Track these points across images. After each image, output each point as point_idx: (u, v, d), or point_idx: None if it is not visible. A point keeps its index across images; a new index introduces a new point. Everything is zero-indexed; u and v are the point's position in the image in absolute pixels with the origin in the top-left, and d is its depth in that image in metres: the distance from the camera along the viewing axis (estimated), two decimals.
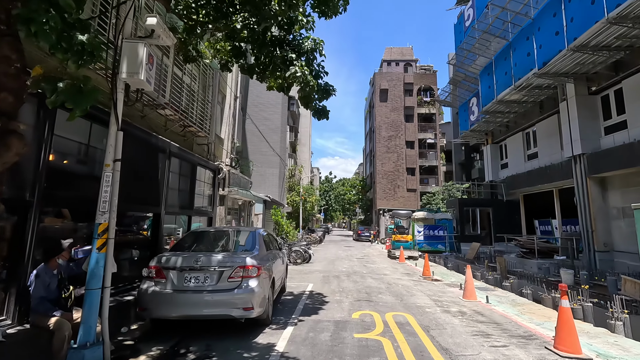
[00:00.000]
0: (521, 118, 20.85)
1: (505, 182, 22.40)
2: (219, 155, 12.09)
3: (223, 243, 5.96)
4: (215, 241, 6.02)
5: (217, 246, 5.86)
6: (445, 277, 11.97)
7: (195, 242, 5.89)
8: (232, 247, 5.85)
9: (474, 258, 17.92)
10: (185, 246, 5.66)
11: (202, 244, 5.85)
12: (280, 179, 23.56)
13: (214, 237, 6.17)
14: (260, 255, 5.61)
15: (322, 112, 5.94)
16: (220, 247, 5.84)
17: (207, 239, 6.05)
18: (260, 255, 5.60)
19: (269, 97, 23.91)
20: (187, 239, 5.97)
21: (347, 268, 13.67)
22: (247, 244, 5.82)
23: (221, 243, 5.96)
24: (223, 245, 5.91)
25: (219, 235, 6.22)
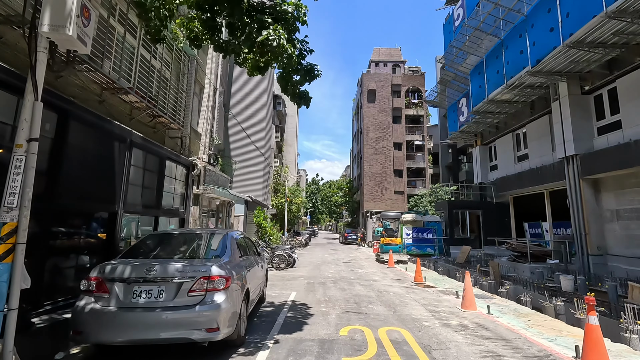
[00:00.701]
0: (511, 119, 20.50)
1: (495, 184, 22.02)
2: (195, 151, 11.08)
3: (187, 248, 5.01)
4: (179, 246, 5.05)
5: (179, 252, 4.89)
6: (438, 283, 11.24)
7: (154, 247, 4.91)
8: (199, 252, 4.90)
9: (465, 262, 17.33)
10: (139, 252, 4.68)
11: (162, 250, 4.87)
12: (264, 179, 22.58)
13: (177, 240, 5.19)
14: (232, 263, 4.69)
15: (302, 97, 5.08)
16: (184, 253, 4.88)
17: (168, 243, 5.07)
18: (231, 262, 4.68)
19: (253, 94, 22.96)
20: (144, 244, 4.98)
21: (334, 273, 12.81)
22: (217, 249, 4.89)
23: (185, 248, 5.00)
24: (187, 250, 4.94)
25: (183, 239, 5.25)
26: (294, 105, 48.96)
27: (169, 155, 8.06)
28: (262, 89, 23.15)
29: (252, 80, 23.02)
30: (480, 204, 22.19)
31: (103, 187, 5.77)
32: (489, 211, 21.70)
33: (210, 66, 12.25)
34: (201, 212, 9.49)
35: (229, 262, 4.63)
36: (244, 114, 22.63)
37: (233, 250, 5.00)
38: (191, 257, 4.73)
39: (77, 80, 6.15)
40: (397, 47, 43.25)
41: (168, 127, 9.15)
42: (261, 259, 7.10)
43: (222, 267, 4.28)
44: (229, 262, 4.59)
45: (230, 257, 4.76)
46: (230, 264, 4.60)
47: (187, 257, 4.71)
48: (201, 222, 9.35)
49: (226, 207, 11.71)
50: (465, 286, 7.31)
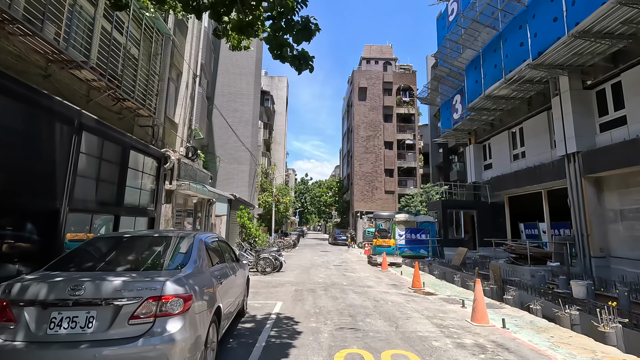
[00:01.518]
0: (507, 116, 19.87)
1: (490, 183, 21.36)
2: (170, 143, 9.92)
3: (139, 256, 3.89)
4: (128, 253, 3.92)
5: (127, 262, 3.76)
6: (438, 289, 10.33)
7: (94, 256, 3.78)
8: (154, 262, 3.80)
9: (461, 264, 16.54)
10: (72, 262, 3.54)
11: (104, 259, 3.72)
12: (250, 177, 21.41)
13: (128, 246, 4.04)
14: (197, 275, 3.62)
15: (301, 58, 4.03)
16: (133, 263, 3.75)
17: (115, 250, 3.92)
18: (196, 274, 3.61)
19: (239, 87, 21.76)
20: (82, 251, 3.84)
21: (324, 278, 11.79)
22: (179, 258, 3.80)
23: (136, 257, 3.88)
24: (139, 260, 3.83)
25: (137, 244, 4.11)
26: (282, 103, 47.81)
27: (135, 145, 6.91)
28: (249, 82, 21.98)
29: (239, 72, 21.85)
30: (475, 204, 21.50)
31: (40, 179, 4.62)
32: (484, 211, 21.03)
33: (190, 50, 11.08)
34: (175, 210, 8.35)
35: (193, 274, 3.56)
36: (230, 107, 21.40)
37: (200, 259, 3.92)
38: (142, 268, 3.62)
39: (9, 47, 4.97)
40: (388, 44, 42.58)
41: (136, 113, 8.00)
42: (241, 266, 6.03)
43: (181, 282, 3.20)
44: (192, 275, 3.52)
45: (195, 268, 3.69)
46: (195, 277, 3.53)
47: (136, 268, 3.59)
48: (174, 222, 8.21)
49: (206, 205, 10.58)
50: (477, 296, 6.38)
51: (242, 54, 22.06)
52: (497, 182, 20.81)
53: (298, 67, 4.17)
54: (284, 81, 48.39)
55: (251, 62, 22.32)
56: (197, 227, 10.16)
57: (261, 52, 23.68)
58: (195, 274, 3.60)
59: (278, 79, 48.03)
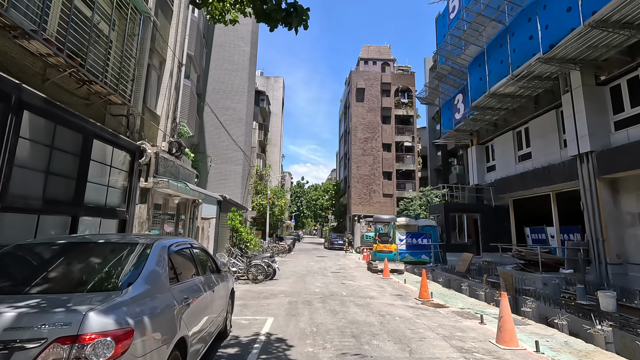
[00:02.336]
0: (512, 115, 19.03)
1: (494, 185, 20.48)
2: (151, 136, 8.88)
3: (69, 273, 2.84)
4: (54, 269, 2.84)
5: (47, 281, 2.68)
6: (448, 300, 9.33)
7: (8, 272, 2.74)
8: (87, 281, 2.74)
9: (466, 271, 15.57)
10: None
11: (14, 277, 2.68)
12: (243, 178, 20.36)
13: (56, 259, 2.96)
14: (146, 299, 2.58)
15: (293, 11, 3.06)
16: (56, 282, 2.68)
17: (36, 264, 2.87)
18: (145, 297, 2.57)
19: (232, 84, 20.75)
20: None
21: (322, 287, 10.75)
22: (124, 274, 2.76)
23: (64, 273, 2.83)
24: (65, 278, 2.77)
25: (71, 255, 3.02)
26: (278, 104, 46.86)
27: (100, 133, 5.86)
28: (242, 78, 21.00)
29: (232, 69, 20.85)
30: (479, 207, 20.60)
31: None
32: (488, 215, 20.13)
33: (175, 35, 10.08)
34: (151, 212, 7.30)
35: (142, 297, 2.53)
36: (223, 105, 20.39)
37: (157, 274, 2.89)
38: (67, 290, 2.56)
39: None
40: (386, 45, 41.88)
41: (108, 100, 6.97)
42: (222, 278, 4.99)
43: (114, 311, 2.17)
44: (139, 298, 2.49)
45: (147, 288, 2.65)
46: (143, 302, 2.50)
47: (58, 291, 2.54)
48: (151, 225, 7.17)
49: (190, 207, 9.53)
50: (503, 312, 5.38)
51: (235, 49, 21.12)
52: (501, 184, 19.92)
53: (288, 23, 3.18)
54: (280, 82, 47.46)
55: (245, 58, 21.36)
56: (180, 231, 9.10)
57: (256, 48, 22.79)
58: (144, 297, 2.57)
59: (274, 80, 47.10)
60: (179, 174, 8.54)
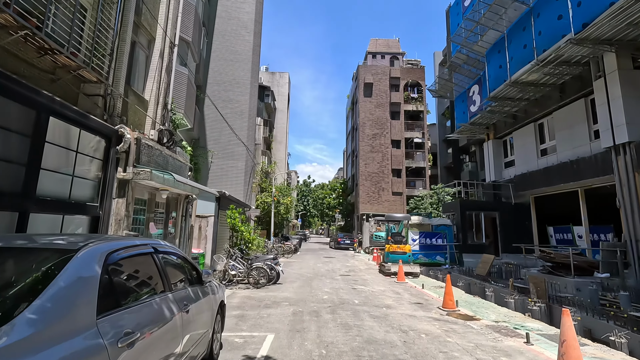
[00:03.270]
0: (534, 106, 17.68)
1: (513, 182, 19.15)
2: (137, 123, 7.84)
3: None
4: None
5: None
6: (476, 310, 8.14)
7: None
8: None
9: (487, 274, 14.31)
10: None
11: None
12: (246, 174, 19.32)
13: None
14: (31, 350, 1.46)
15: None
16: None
17: None
18: (29, 347, 1.46)
19: (234, 75, 19.70)
20: None
21: (331, 293, 9.62)
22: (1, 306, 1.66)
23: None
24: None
25: None
26: (284, 100, 45.81)
27: (58, 110, 4.80)
28: (245, 69, 19.94)
29: (234, 59, 19.81)
30: (497, 205, 19.30)
31: None
32: (507, 213, 18.82)
33: (166, 12, 9.03)
34: (132, 207, 6.24)
35: (24, 346, 1.42)
36: (224, 97, 19.35)
37: (64, 303, 1.77)
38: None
39: None
40: (395, 38, 40.51)
41: (79, 76, 5.94)
42: (206, 291, 3.90)
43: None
44: (17, 351, 1.38)
45: (39, 331, 1.55)
46: (23, 357, 1.39)
47: None
48: (130, 223, 6.11)
49: (182, 203, 8.47)
50: (566, 335, 4.19)
51: (237, 39, 20.07)
52: (521, 180, 18.60)
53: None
54: (286, 77, 46.37)
55: (248, 48, 20.31)
56: (171, 230, 8.05)
57: (259, 38, 21.72)
58: (33, 344, 1.46)
59: (279, 75, 46.02)
60: (167, 164, 7.48)
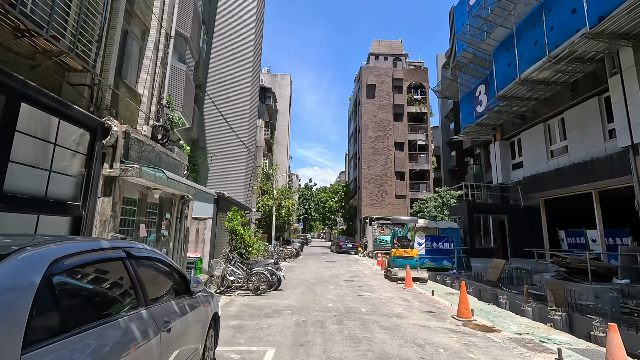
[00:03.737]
0: (543, 106, 17.14)
1: (522, 184, 18.55)
2: (129, 118, 7.33)
3: None
4: None
5: None
6: (493, 318, 7.54)
7: None
8: None
9: (498, 280, 13.67)
10: None
11: None
12: (247, 175, 18.78)
13: None
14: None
15: None
16: None
17: None
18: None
19: (235, 74, 19.24)
20: None
21: (336, 300, 9.03)
22: None
23: None
24: None
25: None
26: (285, 102, 45.40)
27: (31, 95, 4.26)
28: (246, 68, 19.46)
29: (234, 57, 19.35)
30: (506, 208, 18.69)
31: None
32: (516, 216, 18.19)
33: (162, 2, 8.54)
34: (119, 207, 5.69)
35: None
36: (225, 97, 18.86)
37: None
38: None
39: None
40: (398, 40, 40.10)
41: (63, 63, 5.45)
42: (196, 303, 3.35)
43: None
44: None
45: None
46: None
47: None
48: (117, 225, 5.56)
49: (177, 204, 7.93)
50: (616, 355, 3.60)
51: (238, 37, 19.64)
52: (531, 182, 18.01)
53: None
54: (287, 79, 45.97)
55: (249, 47, 19.85)
56: (164, 233, 7.49)
57: (260, 37, 21.25)
58: None
59: (281, 77, 45.62)
60: (160, 162, 6.94)
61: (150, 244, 7.00)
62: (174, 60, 12.17)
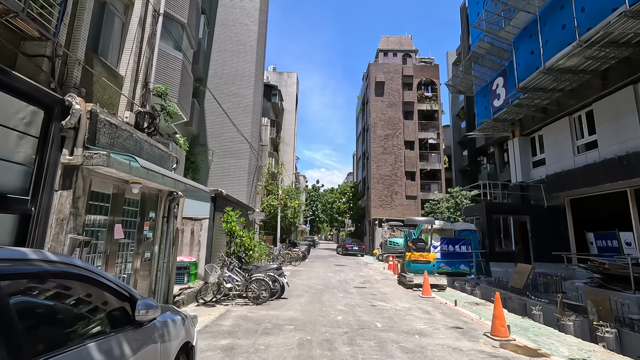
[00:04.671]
0: (569, 97, 15.83)
1: (545, 182, 17.23)
2: (108, 102, 6.37)
3: None
4: None
5: None
6: (533, 336, 6.36)
7: None
8: None
9: (524, 287, 12.39)
10: None
11: None
12: (250, 174, 17.77)
13: None
14: None
15: None
16: None
17: None
18: None
19: (237, 67, 18.27)
20: None
21: (346, 312, 7.93)
22: None
23: None
24: None
25: None
26: (292, 101, 44.42)
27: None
28: (249, 61, 18.49)
29: (237, 50, 18.40)
30: (528, 208, 17.38)
31: None
32: (539, 217, 16.88)
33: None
34: (83, 203, 4.69)
35: None
36: (227, 91, 17.90)
37: None
38: None
39: None
40: (407, 36, 38.89)
41: (16, 29, 4.50)
42: (150, 334, 2.29)
43: None
44: None
45: None
46: None
47: None
48: (78, 223, 4.56)
49: (164, 201, 6.91)
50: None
51: (241, 28, 18.70)
52: (555, 180, 16.68)
53: None
54: (294, 77, 45.02)
55: (252, 38, 18.88)
56: (147, 235, 6.47)
57: (264, 28, 20.27)
58: None
59: (287, 75, 44.69)
60: (141, 151, 5.93)
61: (129, 248, 5.98)
62: (169, 48, 11.24)
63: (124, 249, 5.84)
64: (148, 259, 6.46)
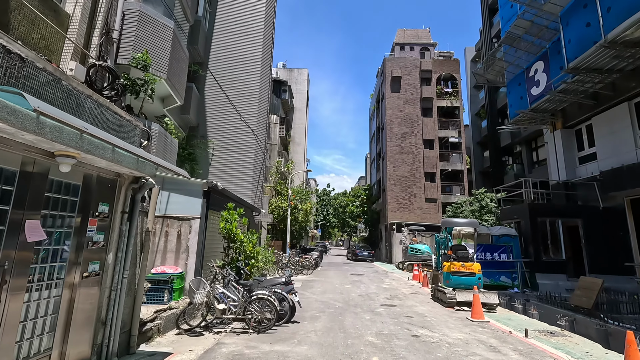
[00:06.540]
0: (628, 79, 13.40)
1: (599, 180, 14.74)
2: (44, 46, 4.39)
3: None
4: None
5: None
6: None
7: None
8: None
9: (593, 307, 9.93)
10: None
11: None
12: (255, 170, 15.73)
13: None
14: None
15: None
16: None
17: None
18: None
19: (242, 49, 16.32)
20: None
21: (381, 349, 5.74)
22: None
23: None
24: None
25: None
26: (302, 99, 42.49)
27: None
28: (255, 42, 16.53)
29: (241, 31, 16.44)
30: (580, 210, 14.88)
31: None
32: (594, 220, 14.37)
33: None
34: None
35: None
36: (230, 76, 15.94)
37: None
38: None
39: None
40: (425, 29, 36.65)
41: None
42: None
43: None
44: None
45: None
46: None
47: None
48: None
49: (126, 189, 4.88)
50: None
51: (246, 8, 16.81)
52: (612, 177, 14.19)
53: None
54: (305, 74, 43.12)
55: (259, 18, 16.94)
56: (95, 239, 4.45)
57: (272, 8, 18.29)
58: None
59: (297, 72, 42.82)
60: (79, 110, 3.91)
61: (59, 258, 3.92)
62: (157, 14, 9.31)
63: (50, 259, 3.79)
64: (95, 272, 4.39)
